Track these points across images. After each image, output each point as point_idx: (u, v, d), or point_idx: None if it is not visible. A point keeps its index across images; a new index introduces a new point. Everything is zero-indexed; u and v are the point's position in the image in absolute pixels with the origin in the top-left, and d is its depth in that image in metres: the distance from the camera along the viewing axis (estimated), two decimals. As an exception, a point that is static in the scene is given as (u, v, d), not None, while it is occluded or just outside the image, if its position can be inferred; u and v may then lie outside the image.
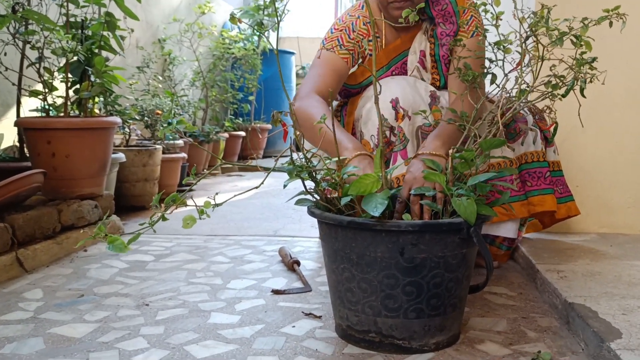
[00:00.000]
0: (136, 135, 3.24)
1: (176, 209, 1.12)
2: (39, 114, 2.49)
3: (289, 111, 1.32)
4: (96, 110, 2.61)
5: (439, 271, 1.15)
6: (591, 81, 1.26)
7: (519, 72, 1.31)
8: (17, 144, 2.42)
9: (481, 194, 1.20)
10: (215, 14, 5.35)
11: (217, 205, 1.11)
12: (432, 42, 1.71)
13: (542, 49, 1.27)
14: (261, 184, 1.23)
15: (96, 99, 2.51)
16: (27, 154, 2.32)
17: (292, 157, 1.21)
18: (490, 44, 1.37)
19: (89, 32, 2.40)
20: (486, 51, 1.44)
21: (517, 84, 1.31)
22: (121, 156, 2.67)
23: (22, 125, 2.23)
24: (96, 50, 2.39)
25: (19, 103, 2.38)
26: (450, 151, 1.23)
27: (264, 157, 5.75)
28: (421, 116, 1.58)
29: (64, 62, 2.33)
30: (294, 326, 1.34)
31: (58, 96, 2.41)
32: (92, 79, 2.36)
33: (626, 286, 1.45)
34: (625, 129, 2.11)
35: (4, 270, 1.70)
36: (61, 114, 2.37)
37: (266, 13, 5.51)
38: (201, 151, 4.06)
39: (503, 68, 1.36)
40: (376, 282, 1.16)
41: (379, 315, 1.17)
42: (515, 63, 1.33)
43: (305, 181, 1.24)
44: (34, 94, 2.35)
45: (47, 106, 2.37)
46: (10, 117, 2.61)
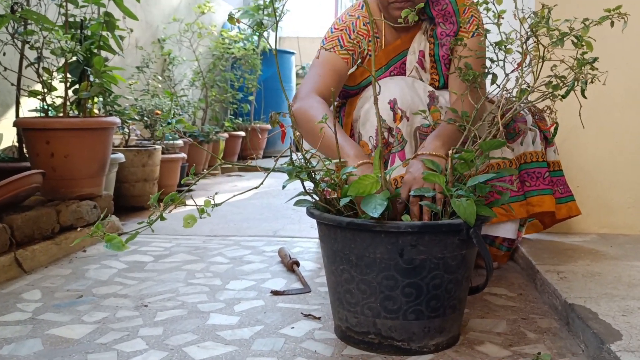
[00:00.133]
0: (135, 135, 3.23)
1: (175, 208, 1.11)
2: (38, 114, 2.49)
3: (288, 112, 1.32)
4: (95, 111, 2.61)
5: (438, 272, 1.15)
6: (592, 81, 1.26)
7: (519, 73, 1.30)
8: (17, 144, 2.41)
9: (481, 195, 1.19)
10: (215, 14, 5.34)
11: (216, 205, 1.11)
12: (432, 42, 1.70)
13: (542, 50, 1.26)
14: (260, 184, 1.22)
15: (95, 99, 2.51)
16: (26, 154, 2.32)
17: (291, 158, 1.21)
18: (492, 44, 1.36)
19: (88, 32, 2.40)
20: (487, 51, 1.43)
21: (517, 84, 1.31)
22: (120, 156, 2.67)
23: (21, 126, 2.23)
24: (95, 50, 2.38)
25: (18, 103, 2.37)
26: (450, 152, 1.23)
27: (263, 157, 5.74)
28: (419, 117, 1.58)
29: (63, 62, 2.32)
30: (293, 327, 1.33)
31: (57, 96, 2.40)
32: (91, 79, 2.35)
33: (626, 287, 1.45)
34: (625, 129, 2.11)
35: (2, 271, 1.70)
36: (60, 114, 2.36)
37: (266, 13, 5.50)
38: (201, 151, 4.05)
39: (504, 68, 1.35)
40: (375, 283, 1.15)
41: (378, 316, 1.17)
42: (516, 63, 1.33)
43: (305, 182, 1.24)
44: (33, 94, 2.34)
45: (46, 106, 2.37)
46: (10, 117, 2.60)
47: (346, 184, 1.19)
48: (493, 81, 1.42)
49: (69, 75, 2.34)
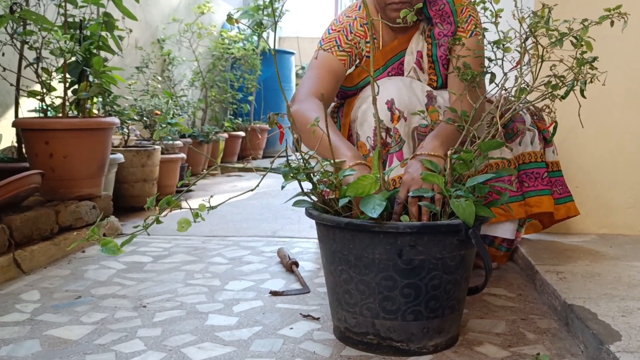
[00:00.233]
0: (135, 135, 3.23)
1: (171, 211, 1.11)
2: (37, 114, 2.49)
3: (286, 113, 1.31)
4: (95, 111, 2.61)
5: (437, 273, 1.14)
6: (591, 81, 1.26)
7: (518, 72, 1.30)
8: (16, 144, 2.41)
9: (480, 195, 1.19)
10: (215, 14, 5.34)
11: (212, 208, 1.11)
12: (430, 42, 1.70)
13: (541, 50, 1.26)
14: (256, 186, 1.22)
15: (94, 99, 2.50)
16: (25, 155, 2.32)
17: (288, 159, 1.21)
18: (490, 43, 1.36)
19: (87, 33, 2.39)
20: (485, 50, 1.43)
21: (516, 84, 1.30)
22: (120, 157, 2.66)
23: (20, 126, 2.23)
24: (94, 51, 2.38)
25: (17, 103, 2.37)
26: (449, 152, 1.22)
27: (263, 157, 5.74)
28: (417, 117, 1.58)
29: (62, 63, 2.32)
30: (291, 328, 1.33)
31: (56, 97, 2.40)
32: (91, 79, 2.35)
33: (626, 287, 1.44)
34: (625, 129, 2.11)
35: (1, 271, 1.69)
36: (59, 114, 2.36)
37: (265, 13, 5.50)
38: (200, 151, 4.04)
39: (502, 67, 1.35)
40: (374, 284, 1.15)
41: (377, 317, 1.17)
42: (515, 62, 1.32)
43: (304, 182, 1.23)
44: (32, 94, 2.34)
45: (45, 107, 2.37)
46: (9, 117, 2.60)
47: (343, 185, 1.19)
48: (491, 80, 1.41)
49: (68, 76, 2.34)
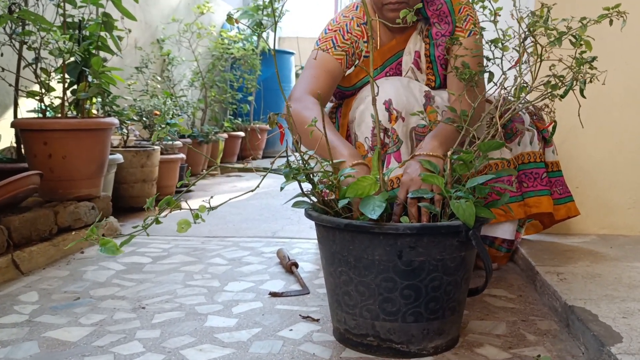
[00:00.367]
0: (134, 135, 3.22)
1: (170, 212, 1.11)
2: (36, 114, 2.48)
3: (285, 113, 1.31)
4: (94, 111, 2.60)
5: (437, 274, 1.14)
6: (591, 81, 1.25)
7: (517, 71, 1.30)
8: (14, 145, 2.41)
9: (480, 196, 1.18)
10: (214, 14, 5.33)
11: (212, 208, 1.10)
12: (427, 42, 1.70)
13: (540, 49, 1.25)
14: (257, 187, 1.22)
15: (94, 99, 2.50)
16: (24, 155, 2.31)
17: (288, 159, 1.20)
18: (488, 42, 1.35)
19: (86, 33, 2.39)
20: (483, 49, 1.42)
21: (515, 84, 1.30)
22: (119, 157, 2.66)
23: (19, 127, 2.22)
24: (94, 51, 2.38)
25: (16, 104, 2.36)
26: (449, 153, 1.22)
27: (263, 157, 5.74)
28: (415, 117, 1.57)
29: (61, 63, 2.31)
30: (291, 329, 1.33)
31: (55, 97, 2.39)
32: (90, 79, 2.34)
33: (626, 288, 1.44)
34: (624, 128, 2.10)
35: (-1, 272, 1.69)
36: (58, 114, 2.36)
37: (265, 13, 5.49)
38: (200, 151, 4.04)
39: (501, 66, 1.34)
40: (374, 285, 1.14)
41: (377, 318, 1.16)
42: (514, 61, 1.32)
43: (303, 183, 1.23)
44: (31, 94, 2.34)
45: (44, 107, 2.36)
46: (8, 118, 2.60)
47: (342, 185, 1.18)
48: (489, 79, 1.41)
49: (67, 76, 2.33)
